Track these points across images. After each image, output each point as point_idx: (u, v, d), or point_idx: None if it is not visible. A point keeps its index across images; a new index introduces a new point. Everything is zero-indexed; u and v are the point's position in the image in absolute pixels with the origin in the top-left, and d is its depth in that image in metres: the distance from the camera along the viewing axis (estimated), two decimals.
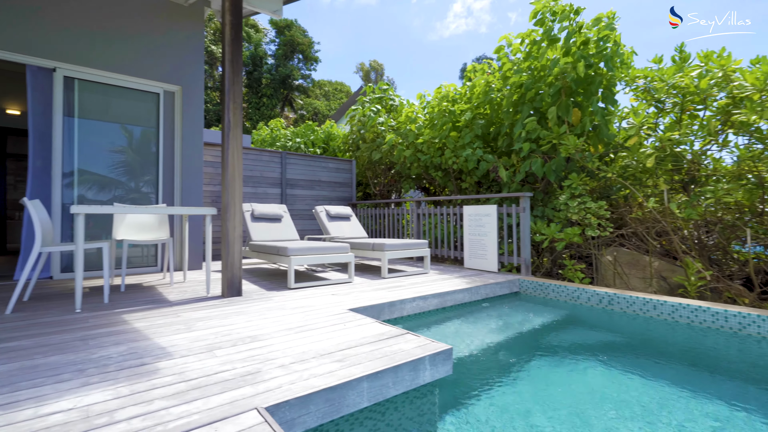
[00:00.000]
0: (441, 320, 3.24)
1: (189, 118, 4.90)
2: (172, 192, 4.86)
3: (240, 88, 3.32)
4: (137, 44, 4.53)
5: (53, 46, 4.06)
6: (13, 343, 2.07)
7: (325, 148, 9.44)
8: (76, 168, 4.30)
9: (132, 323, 2.47)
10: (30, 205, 2.80)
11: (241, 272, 3.32)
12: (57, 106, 4.19)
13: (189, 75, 4.89)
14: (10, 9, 3.84)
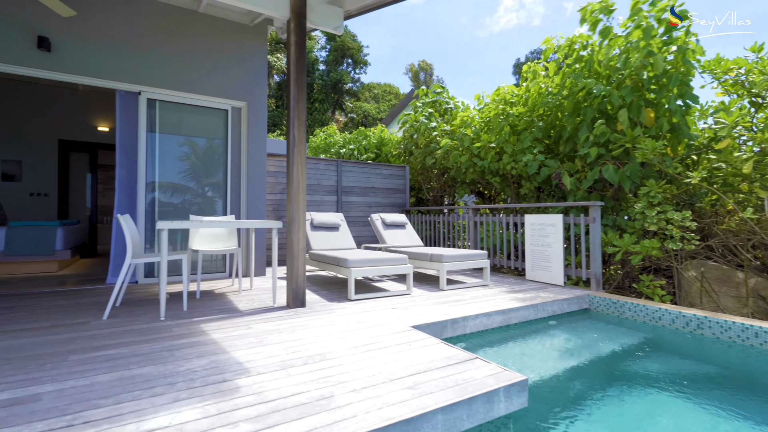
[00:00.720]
0: (505, 339, 3.11)
1: (254, 131, 5.16)
2: (239, 201, 5.15)
3: (304, 105, 3.43)
4: (207, 66, 4.85)
5: (138, 73, 4.46)
6: (112, 351, 2.29)
7: (378, 153, 9.51)
8: (157, 177, 4.70)
9: (210, 334, 2.63)
10: (122, 220, 3.09)
11: (305, 284, 3.42)
12: (141, 123, 4.60)
13: (254, 91, 5.15)
14: (106, 44, 4.27)
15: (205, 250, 3.90)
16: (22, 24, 3.93)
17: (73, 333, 2.64)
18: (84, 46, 4.19)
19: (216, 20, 4.91)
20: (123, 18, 4.37)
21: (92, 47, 4.23)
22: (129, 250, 3.05)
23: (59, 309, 3.32)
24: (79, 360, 2.14)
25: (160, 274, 2.95)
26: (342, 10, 3.76)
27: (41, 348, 2.34)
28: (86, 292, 4.02)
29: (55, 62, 4.08)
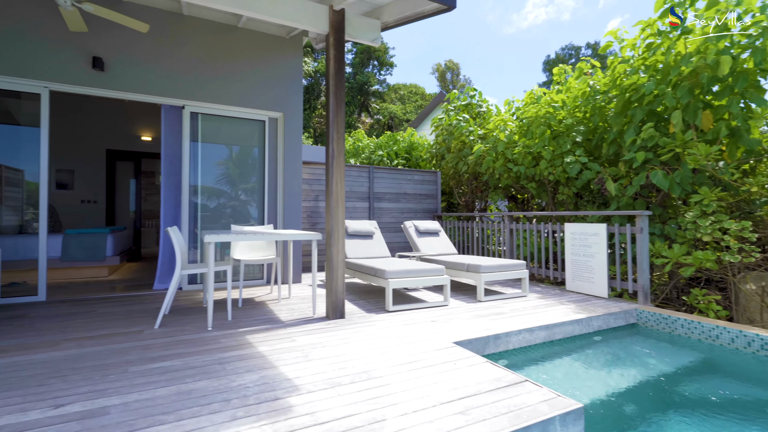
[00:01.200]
0: (549, 356, 3.02)
1: (290, 140, 5.26)
2: (275, 209, 5.27)
3: (343, 118, 3.46)
4: (246, 79, 4.99)
5: (182, 89, 4.65)
6: (167, 363, 2.39)
7: (408, 158, 9.49)
8: (199, 185, 4.89)
9: (256, 346, 2.70)
10: (172, 233, 3.22)
11: (344, 295, 3.45)
12: (185, 135, 4.79)
13: (290, 102, 5.25)
14: (152, 62, 4.48)
15: (246, 259, 4.02)
16: (79, 46, 4.18)
17: (129, 342, 2.78)
18: (133, 66, 4.41)
19: (254, 34, 5.05)
20: (168, 36, 4.57)
21: (140, 66, 4.44)
22: (179, 262, 3.18)
23: (113, 316, 3.50)
24: (138, 372, 2.24)
25: (206, 286, 3.06)
26: (379, 22, 3.77)
27: (103, 358, 2.48)
28: (136, 299, 4.23)
29: (108, 81, 4.31)
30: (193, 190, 4.85)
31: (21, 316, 3.50)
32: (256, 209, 5.25)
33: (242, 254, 4.19)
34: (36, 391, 2.01)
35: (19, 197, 5.93)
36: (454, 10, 3.02)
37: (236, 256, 4.15)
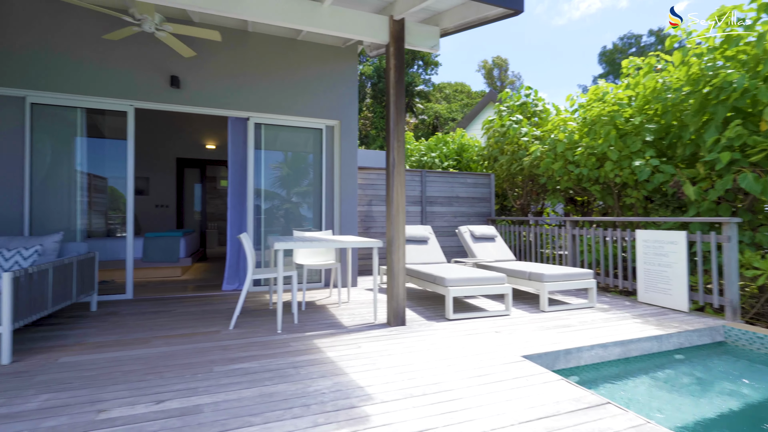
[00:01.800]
0: (625, 375, 2.84)
1: (346, 147, 5.40)
2: (332, 214, 5.42)
3: (403, 127, 3.49)
4: (304, 89, 5.18)
5: (247, 102, 4.93)
6: (246, 365, 2.54)
7: (459, 160, 9.36)
8: (263, 190, 5.16)
9: (324, 351, 2.80)
10: (244, 240, 3.42)
11: (405, 303, 3.48)
12: (250, 144, 5.08)
13: (345, 109, 5.39)
14: (221, 78, 4.79)
15: (309, 264, 4.17)
16: (159, 67, 4.57)
17: (209, 342, 2.99)
18: (204, 82, 4.74)
19: (312, 45, 5.23)
20: (235, 54, 4.86)
21: (210, 82, 4.77)
22: (250, 268, 3.38)
23: (192, 316, 3.79)
24: (222, 372, 2.41)
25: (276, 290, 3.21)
26: (438, 28, 3.76)
27: (189, 356, 2.69)
28: (207, 299, 4.54)
29: (183, 97, 4.67)
30: (257, 195, 5.12)
31: (113, 313, 3.89)
32: (314, 214, 5.43)
33: (305, 259, 4.36)
34: (138, 386, 2.22)
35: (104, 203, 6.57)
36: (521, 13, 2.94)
37: (299, 260, 4.33)
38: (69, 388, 2.19)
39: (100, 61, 4.35)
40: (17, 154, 4.17)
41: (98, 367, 2.49)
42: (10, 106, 4.15)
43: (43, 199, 4.33)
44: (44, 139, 4.34)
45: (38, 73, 4.15)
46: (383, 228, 6.60)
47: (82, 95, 4.33)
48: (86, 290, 3.77)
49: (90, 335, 3.17)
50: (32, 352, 2.76)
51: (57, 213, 4.41)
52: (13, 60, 4.06)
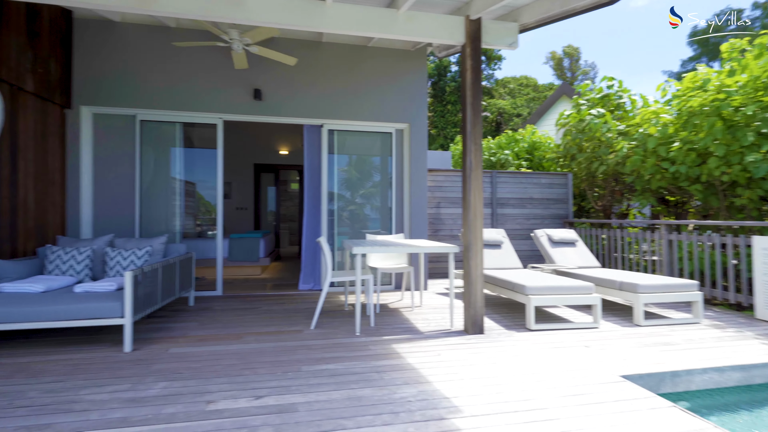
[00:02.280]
0: (747, 405, 2.48)
1: (415, 150, 5.39)
2: (402, 217, 5.44)
3: (480, 129, 3.39)
4: (374, 95, 5.26)
5: (320, 110, 5.13)
6: (331, 366, 2.63)
7: (530, 158, 8.90)
8: (336, 193, 5.33)
9: (404, 357, 2.80)
10: (323, 244, 3.56)
11: (483, 310, 3.38)
12: (324, 149, 5.28)
13: (415, 112, 5.38)
14: (296, 89, 5.04)
15: (382, 267, 4.23)
16: (244, 82, 4.93)
17: (293, 341, 3.15)
18: (282, 94, 5.02)
19: (381, 51, 5.29)
20: (309, 65, 5.08)
21: (288, 93, 5.04)
22: (329, 271, 3.50)
23: (275, 314, 4.02)
24: (310, 372, 2.52)
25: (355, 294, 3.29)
26: (517, 24, 3.59)
27: (277, 354, 2.85)
28: (287, 298, 4.80)
29: (264, 108, 4.99)
30: (330, 198, 5.31)
31: (207, 308, 4.27)
32: (384, 216, 5.50)
33: (379, 262, 4.43)
34: (237, 380, 2.40)
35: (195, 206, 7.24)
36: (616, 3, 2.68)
37: (372, 263, 4.40)
38: (180, 377, 2.43)
39: (194, 81, 4.81)
40: (130, 164, 4.75)
41: (202, 360, 2.74)
42: (124, 123, 4.75)
43: (148, 203, 4.89)
44: (149, 150, 4.90)
45: (145, 94, 4.69)
46: (452, 230, 6.49)
47: (180, 111, 4.81)
48: (186, 287, 4.18)
49: (191, 329, 3.51)
50: (147, 342, 3.12)
51: (159, 216, 4.95)
52: (127, 84, 4.64)
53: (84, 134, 4.59)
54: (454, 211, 6.54)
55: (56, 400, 2.11)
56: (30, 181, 3.90)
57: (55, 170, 4.30)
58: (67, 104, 4.45)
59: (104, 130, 4.72)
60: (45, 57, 4.06)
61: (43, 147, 4.11)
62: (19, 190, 3.77)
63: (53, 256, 3.63)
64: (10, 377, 2.43)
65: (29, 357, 2.77)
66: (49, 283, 3.25)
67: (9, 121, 3.59)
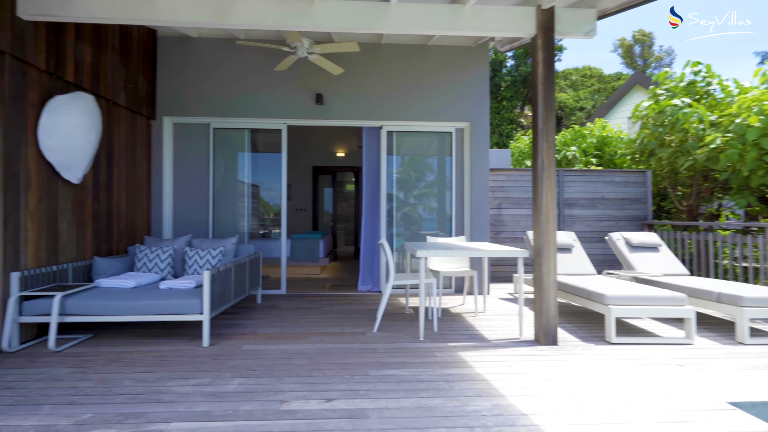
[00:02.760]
0: None
1: (476, 149, 5.20)
2: (462, 218, 5.28)
3: (553, 126, 3.16)
4: (434, 94, 5.16)
5: (379, 111, 5.13)
6: (398, 372, 2.59)
7: (600, 155, 8.25)
8: (394, 192, 5.31)
9: (473, 366, 2.68)
10: (385, 247, 3.53)
11: (557, 320, 3.15)
12: (383, 150, 5.28)
13: (476, 111, 5.19)
14: (356, 92, 5.09)
15: (444, 270, 4.12)
16: (307, 87, 5.07)
17: (358, 343, 3.16)
18: (342, 97, 5.10)
19: (441, 49, 5.18)
20: (368, 67, 5.10)
21: (347, 97, 5.10)
22: (392, 273, 3.47)
23: (337, 315, 4.08)
24: (377, 377, 2.49)
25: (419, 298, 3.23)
26: (595, 10, 3.30)
27: (344, 356, 2.86)
28: (347, 299, 4.86)
29: (325, 112, 5.10)
30: (389, 199, 5.30)
31: (273, 307, 4.44)
32: (443, 218, 5.38)
33: (440, 265, 4.32)
34: (307, 380, 2.44)
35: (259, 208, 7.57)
36: None
37: (433, 266, 4.31)
38: (254, 375, 2.52)
39: (261, 89, 5.04)
40: (205, 170, 5.09)
41: (272, 358, 2.83)
42: (200, 131, 5.10)
43: (219, 206, 5.21)
44: (220, 156, 5.22)
45: (219, 103, 5.00)
46: (514, 232, 6.20)
47: (249, 118, 5.07)
48: (254, 285, 4.39)
49: (260, 326, 3.66)
50: (221, 338, 3.29)
51: (229, 218, 5.25)
52: (202, 94, 4.98)
53: (165, 142, 5.00)
54: (517, 212, 6.24)
55: (147, 390, 2.28)
56: (122, 187, 4.32)
57: (142, 176, 4.72)
58: (152, 115, 4.87)
59: (182, 138, 5.10)
60: (134, 73, 4.47)
61: (132, 155, 4.52)
62: (114, 195, 4.18)
63: (141, 254, 3.98)
64: (109, 365, 2.68)
65: (123, 347, 3.05)
66: (138, 280, 3.56)
67: (106, 133, 4.00)
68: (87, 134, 3.55)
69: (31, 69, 3.16)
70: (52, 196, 3.35)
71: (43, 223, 3.25)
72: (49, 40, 3.28)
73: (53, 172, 3.36)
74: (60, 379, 2.42)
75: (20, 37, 3.03)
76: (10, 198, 2.96)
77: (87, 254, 3.79)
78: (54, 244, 3.37)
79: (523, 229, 6.16)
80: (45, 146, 3.23)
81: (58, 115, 3.28)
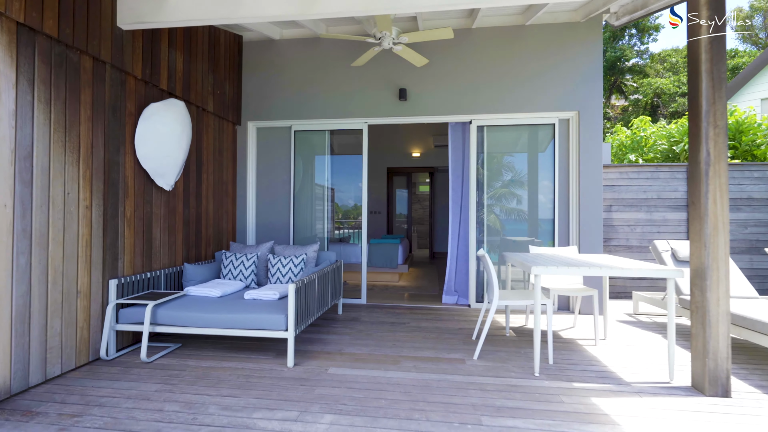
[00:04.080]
0: None
1: (586, 143, 4.41)
2: (567, 224, 4.53)
3: (723, 106, 2.38)
4: (532, 82, 4.48)
5: (468, 105, 4.59)
6: (519, 423, 2.05)
7: (735, 145, 6.78)
8: (485, 193, 4.73)
9: (619, 423, 2.05)
10: (486, 258, 3.01)
11: (729, 363, 2.36)
12: (472, 147, 4.73)
13: (586, 97, 4.40)
14: (441, 85, 4.61)
15: (558, 289, 3.46)
16: (390, 83, 4.72)
17: (459, 374, 2.68)
18: (427, 91, 4.65)
19: (542, 29, 4.48)
20: (457, 56, 4.59)
21: (433, 90, 4.64)
22: (496, 290, 2.93)
23: (426, 333, 3.64)
24: (495, 429, 1.99)
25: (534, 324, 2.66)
26: None
27: (447, 393, 2.39)
28: (432, 313, 4.39)
29: (408, 108, 4.70)
30: (479, 202, 4.73)
31: (356, 319, 4.13)
32: (543, 223, 4.66)
33: (551, 282, 3.67)
34: (408, 426, 2.01)
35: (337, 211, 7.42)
36: None
37: (544, 283, 3.66)
38: (345, 411, 2.16)
39: (339, 87, 4.79)
40: (287, 174, 4.99)
41: (363, 388, 2.47)
42: (282, 135, 5.01)
43: (300, 210, 5.07)
44: (300, 159, 5.08)
45: (299, 105, 4.86)
46: (628, 240, 5.23)
47: (329, 119, 4.86)
48: (335, 296, 4.12)
49: (345, 343, 3.34)
50: (306, 356, 3.03)
51: (309, 222, 5.09)
52: (284, 97, 4.87)
53: (250, 147, 4.98)
54: (630, 215, 5.25)
55: (232, 423, 2.04)
56: (210, 193, 4.33)
57: (228, 181, 4.74)
58: (238, 120, 4.88)
59: (265, 142, 5.06)
60: (222, 79, 4.49)
61: (219, 161, 4.54)
62: (203, 201, 4.20)
63: (227, 261, 3.92)
64: (195, 383, 2.52)
65: (209, 361, 2.91)
66: (224, 288, 3.46)
67: (195, 139, 4.01)
68: (179, 141, 3.54)
69: (129, 78, 3.19)
70: (147, 203, 3.37)
71: (139, 230, 3.28)
72: (145, 49, 3.30)
73: (148, 179, 3.38)
74: (149, 398, 2.30)
75: (120, 47, 3.06)
76: (110, 206, 2.98)
77: (178, 260, 3.81)
78: (148, 250, 3.39)
79: (640, 236, 5.18)
80: (141, 154, 3.24)
81: (153, 122, 3.28)
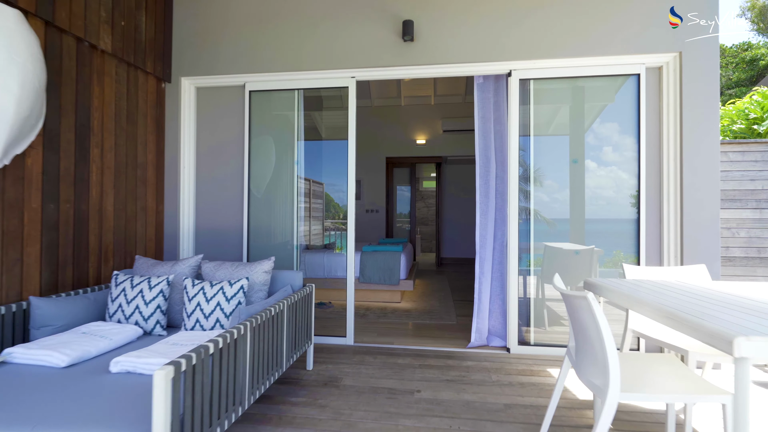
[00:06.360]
0: None
1: (693, 101, 2.84)
2: (660, 224, 2.96)
3: None
4: (602, 8, 2.91)
5: (506, 47, 3.03)
6: None
7: None
8: (531, 178, 3.19)
9: None
10: (594, 307, 1.43)
11: None
12: (512, 112, 3.22)
13: (692, 29, 2.83)
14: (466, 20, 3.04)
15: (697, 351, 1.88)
16: (388, 14, 3.15)
17: None
18: (442, 26, 3.08)
19: None
20: None
21: (452, 25, 3.07)
22: (612, 374, 1.34)
23: (453, 415, 2.06)
24: None
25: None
26: None
27: None
28: (457, 361, 2.81)
29: (416, 53, 3.13)
30: (523, 193, 3.17)
31: (332, 381, 2.56)
32: (622, 225, 3.09)
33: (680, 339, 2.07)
34: None
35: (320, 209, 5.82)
36: None
37: (669, 339, 2.08)
38: None
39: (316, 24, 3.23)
40: (240, 153, 3.42)
41: None
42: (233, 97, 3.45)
43: (259, 208, 3.51)
44: (261, 133, 3.50)
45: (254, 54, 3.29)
46: (728, 249, 3.66)
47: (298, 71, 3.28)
48: (300, 345, 2.55)
49: None
50: None
51: (274, 225, 3.53)
52: (233, 42, 3.30)
53: (185, 115, 3.42)
54: (731, 214, 3.69)
55: None
56: (108, 179, 2.76)
57: (147, 164, 3.17)
58: (165, 76, 3.31)
59: (208, 109, 3.50)
60: (132, 6, 2.90)
61: (130, 133, 2.97)
62: (91, 192, 2.62)
63: (117, 290, 2.34)
64: None
65: None
66: (85, 346, 1.89)
67: (75, 92, 2.43)
68: (3, 78, 1.96)
69: None
70: None
71: None
72: None
73: None
74: None
75: None
76: None
77: (29, 288, 2.23)
78: None
79: (745, 242, 3.60)
80: None
81: None
